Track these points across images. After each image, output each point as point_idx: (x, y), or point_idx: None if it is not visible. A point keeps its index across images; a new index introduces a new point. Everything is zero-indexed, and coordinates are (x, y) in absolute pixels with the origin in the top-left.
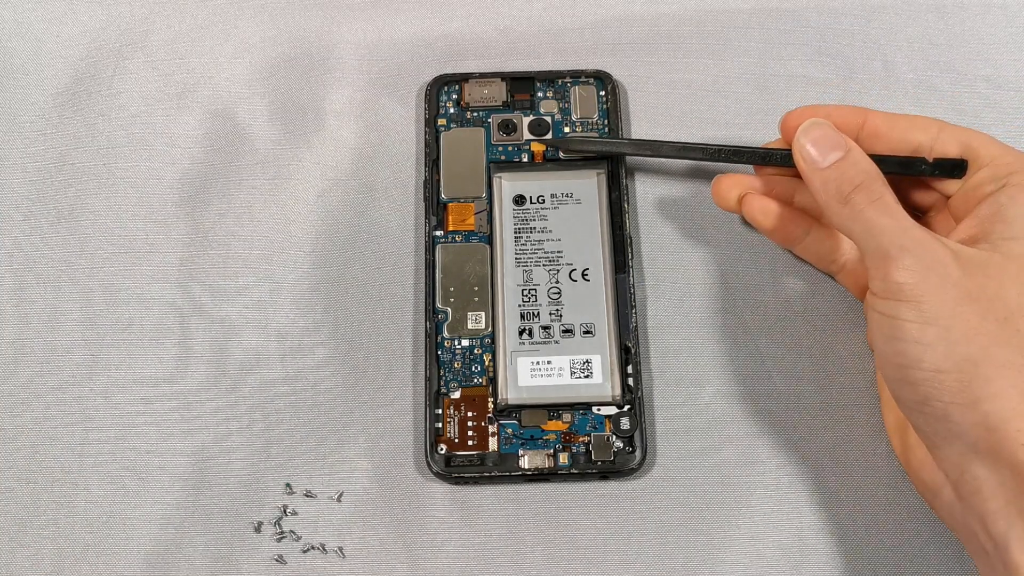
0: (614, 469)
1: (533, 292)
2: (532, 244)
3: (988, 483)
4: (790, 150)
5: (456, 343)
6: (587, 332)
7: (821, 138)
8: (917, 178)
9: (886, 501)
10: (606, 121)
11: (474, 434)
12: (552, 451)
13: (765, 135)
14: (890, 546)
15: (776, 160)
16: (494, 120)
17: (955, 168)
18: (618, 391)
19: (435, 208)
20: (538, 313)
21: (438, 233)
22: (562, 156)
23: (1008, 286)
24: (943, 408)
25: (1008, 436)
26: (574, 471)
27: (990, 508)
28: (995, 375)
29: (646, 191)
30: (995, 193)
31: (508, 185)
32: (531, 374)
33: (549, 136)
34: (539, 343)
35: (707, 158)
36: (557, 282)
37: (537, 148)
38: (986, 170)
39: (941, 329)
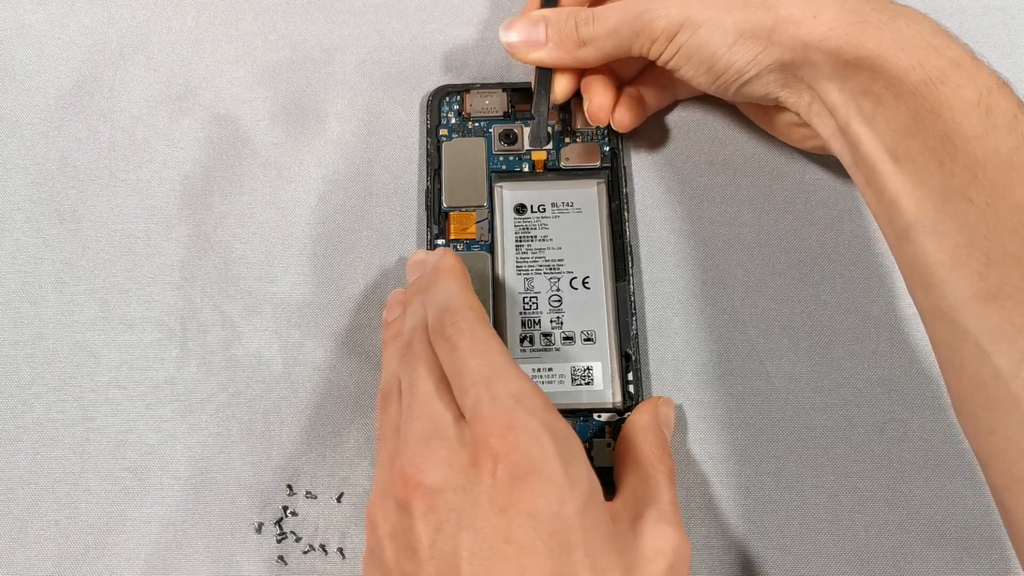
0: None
1: (534, 300)
2: (533, 252)
3: (822, 87)
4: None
5: None
6: (588, 339)
7: (520, 27)
8: None
9: (885, 501)
10: (606, 131)
11: None
12: None
13: (764, 140)
14: (890, 546)
15: (543, 75)
16: (495, 130)
17: None
18: (619, 398)
19: (437, 217)
20: (539, 320)
21: (440, 242)
22: (563, 165)
23: None
24: (756, 66)
25: (805, 35)
26: None
27: (831, 101)
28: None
29: (646, 199)
30: None
31: (509, 194)
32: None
33: (550, 146)
34: (540, 350)
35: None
36: (558, 290)
37: (538, 158)
38: None
39: (707, 23)
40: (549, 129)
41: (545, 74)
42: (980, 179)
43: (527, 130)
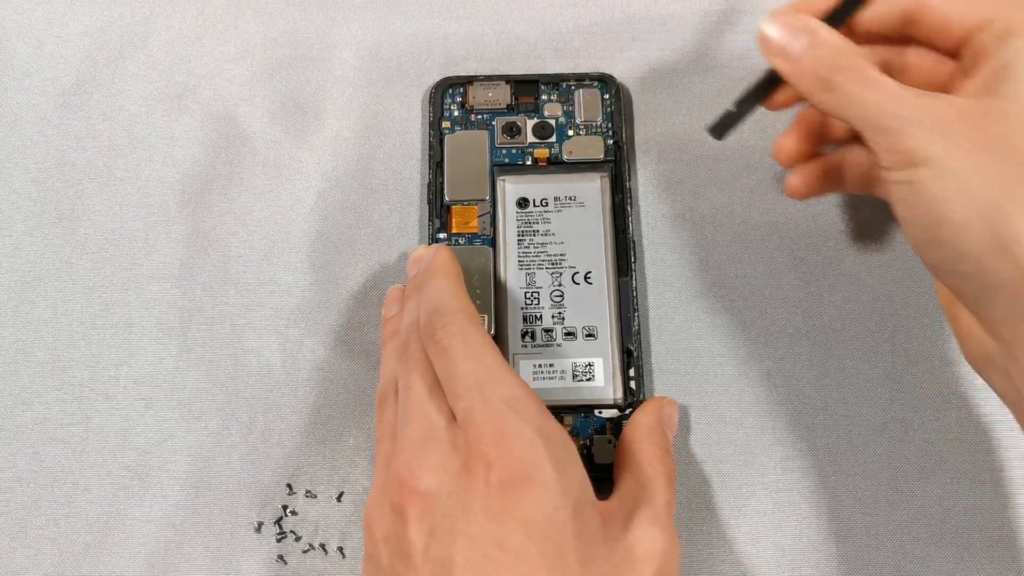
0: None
1: (536, 295)
2: (535, 247)
3: None
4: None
5: None
6: (589, 335)
7: (783, 26)
8: (914, 47)
9: (886, 501)
10: (610, 124)
11: None
12: None
13: (767, 135)
14: (890, 546)
15: (763, 84)
16: (498, 123)
17: None
18: (620, 394)
19: (439, 211)
20: (540, 316)
21: (441, 236)
22: (566, 159)
23: (1020, 131)
24: (976, 260)
25: None
26: None
27: None
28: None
29: (650, 194)
30: (997, 48)
31: (512, 188)
32: (533, 377)
33: (553, 139)
34: (541, 346)
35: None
36: (560, 285)
37: (540, 154)
38: (988, 26)
39: (959, 180)
40: (552, 123)
41: (773, 80)
42: None
43: (531, 123)
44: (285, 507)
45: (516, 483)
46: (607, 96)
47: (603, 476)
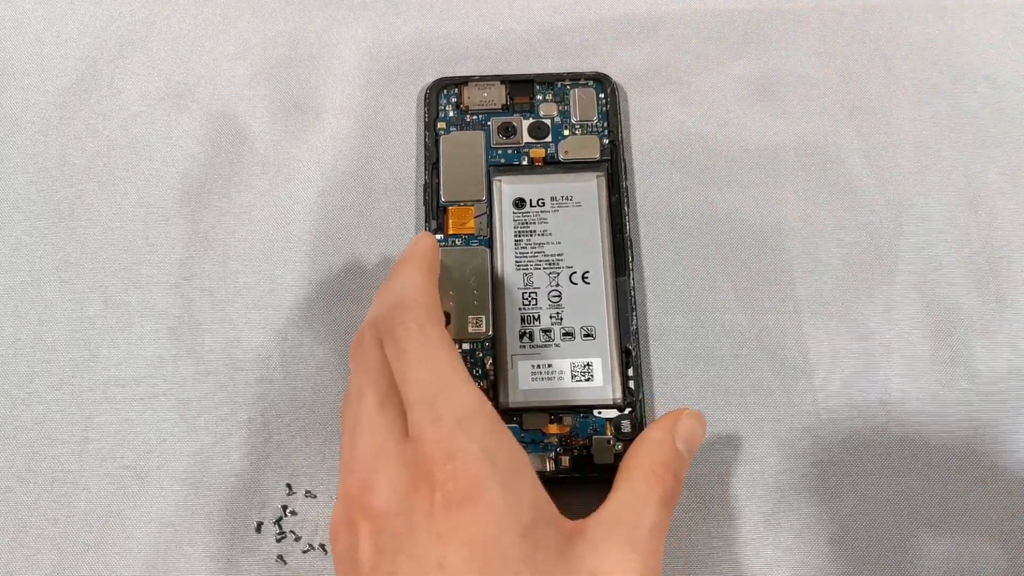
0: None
1: (533, 295)
2: (532, 247)
3: None
4: None
5: (456, 346)
6: (587, 335)
7: None
8: None
9: (886, 501)
10: (606, 124)
11: None
12: (553, 454)
13: (764, 135)
14: (890, 546)
15: None
16: (494, 123)
17: None
18: (619, 394)
19: (435, 211)
20: (538, 316)
21: (438, 237)
22: (562, 158)
23: None
24: None
25: None
26: (575, 475)
27: None
28: None
29: (646, 193)
30: None
31: (508, 188)
32: (532, 377)
33: (549, 139)
34: (540, 346)
35: None
36: (557, 285)
37: (536, 153)
38: None
39: None
40: (548, 122)
41: None
42: None
43: (526, 123)
44: (285, 507)
45: (460, 505)
46: (603, 95)
47: (602, 477)
